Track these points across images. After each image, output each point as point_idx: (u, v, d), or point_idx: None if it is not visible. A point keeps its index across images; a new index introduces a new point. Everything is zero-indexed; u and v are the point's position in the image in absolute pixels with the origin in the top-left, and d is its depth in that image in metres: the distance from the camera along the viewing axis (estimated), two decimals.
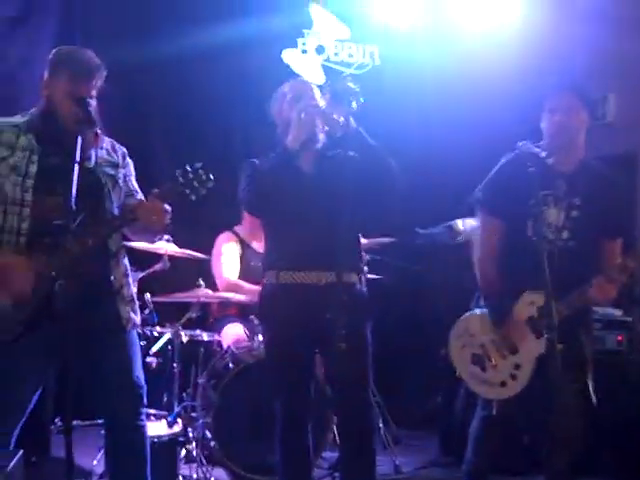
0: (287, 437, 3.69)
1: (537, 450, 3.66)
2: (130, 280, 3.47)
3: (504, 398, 3.54)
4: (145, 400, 3.43)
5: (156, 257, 4.93)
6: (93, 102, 3.26)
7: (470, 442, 3.74)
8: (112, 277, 3.35)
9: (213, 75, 6.03)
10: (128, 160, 3.52)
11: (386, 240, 5.21)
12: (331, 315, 3.20)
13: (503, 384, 3.53)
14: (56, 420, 4.83)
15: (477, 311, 3.67)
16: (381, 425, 5.02)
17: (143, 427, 3.41)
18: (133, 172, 3.54)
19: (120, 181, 3.42)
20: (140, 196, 3.48)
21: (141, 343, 4.19)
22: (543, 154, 3.50)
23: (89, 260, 3.16)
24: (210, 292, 4.93)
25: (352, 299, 3.40)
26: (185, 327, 4.86)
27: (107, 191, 3.35)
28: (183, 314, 4.91)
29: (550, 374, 3.20)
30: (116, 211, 3.37)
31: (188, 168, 3.20)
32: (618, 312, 5.03)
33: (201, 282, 4.87)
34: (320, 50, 6.60)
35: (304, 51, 6.53)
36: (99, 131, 3.36)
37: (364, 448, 3.66)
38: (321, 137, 3.65)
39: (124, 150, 3.52)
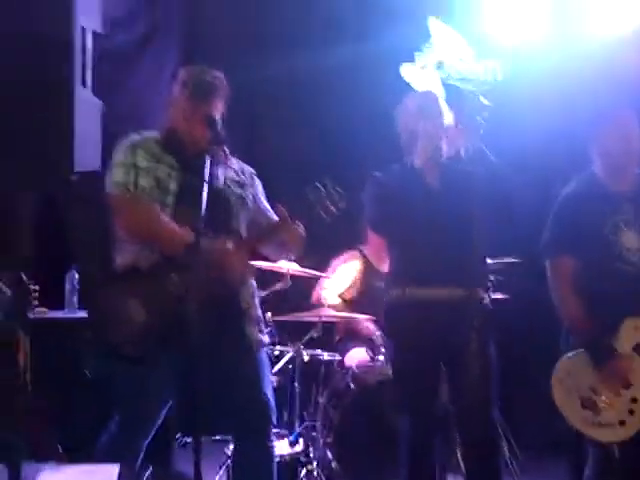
0: (413, 457, 3.61)
1: None
2: (257, 301, 3.48)
3: (625, 438, 3.37)
4: (274, 421, 3.43)
5: (278, 276, 4.95)
6: (219, 121, 3.27)
7: None
8: (240, 298, 3.37)
9: (330, 94, 6.02)
10: (257, 181, 3.53)
11: (511, 260, 5.10)
12: (463, 332, 3.15)
13: (622, 423, 3.37)
14: (178, 435, 4.90)
15: (572, 353, 3.49)
16: (506, 451, 4.91)
17: (272, 447, 3.41)
18: (262, 192, 3.55)
19: (249, 201, 3.43)
20: (273, 215, 3.48)
21: None
22: (602, 179, 3.51)
23: (219, 280, 3.18)
24: (332, 311, 4.93)
25: (481, 316, 3.33)
26: (307, 347, 4.87)
27: (236, 211, 3.37)
28: (304, 333, 4.91)
29: None
30: (244, 231, 3.38)
31: (319, 185, 3.17)
32: None
33: (323, 301, 4.88)
34: (439, 66, 6.52)
35: (424, 66, 6.47)
36: (227, 150, 3.38)
37: (490, 470, 3.57)
38: (445, 149, 3.61)
39: (252, 170, 3.54)
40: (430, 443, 3.62)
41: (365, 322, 5.04)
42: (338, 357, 5.00)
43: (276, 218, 3.42)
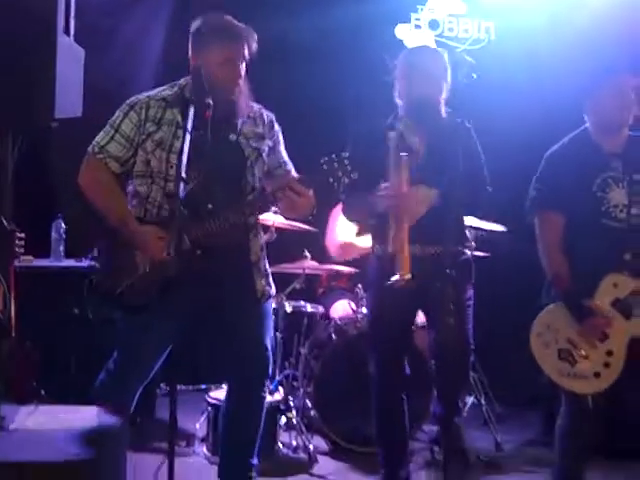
0: (381, 403, 3.76)
1: None
2: (265, 254, 3.53)
3: (600, 389, 3.41)
4: (270, 372, 3.53)
5: (263, 228, 4.97)
6: (243, 67, 3.30)
7: (558, 443, 3.60)
8: (251, 250, 3.42)
9: (327, 55, 6.00)
10: (276, 128, 3.52)
11: (497, 227, 5.15)
12: (437, 283, 3.21)
13: (597, 375, 3.41)
14: (162, 384, 4.97)
15: (552, 306, 3.52)
16: (483, 402, 4.97)
17: (264, 398, 3.51)
18: (281, 140, 3.54)
19: (264, 154, 3.44)
20: (290, 166, 3.53)
21: None
22: (594, 137, 3.52)
23: (229, 232, 3.23)
24: (316, 264, 4.97)
25: (458, 268, 3.38)
26: (289, 298, 4.92)
27: (250, 164, 3.39)
28: (288, 285, 4.96)
29: None
30: (258, 183, 3.41)
31: (334, 157, 3.15)
32: None
33: (307, 253, 4.93)
34: (434, 25, 6.52)
35: (417, 26, 6.47)
36: (247, 100, 3.38)
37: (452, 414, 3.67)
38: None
39: (272, 117, 3.52)
40: (396, 390, 3.75)
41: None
42: (321, 309, 5.06)
43: (291, 168, 3.49)
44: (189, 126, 3.01)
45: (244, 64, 3.30)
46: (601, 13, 6.02)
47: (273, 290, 3.56)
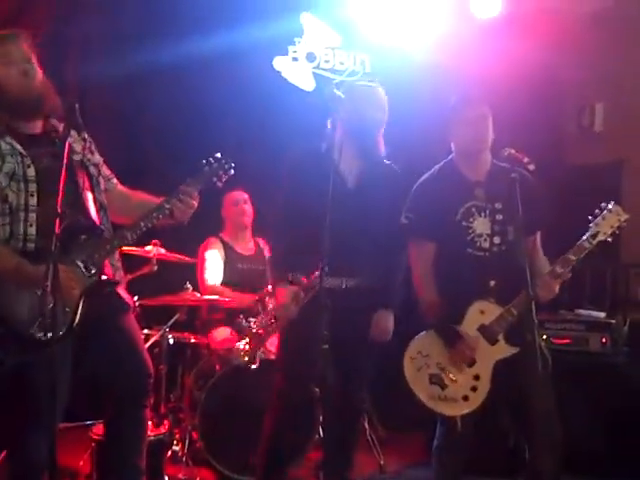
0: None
1: (522, 452, 3.66)
2: (120, 264, 3.52)
3: (468, 412, 3.53)
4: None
5: (144, 260, 4.97)
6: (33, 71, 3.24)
7: (434, 462, 3.73)
8: (113, 264, 3.41)
9: (204, 84, 6.04)
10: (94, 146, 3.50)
11: None
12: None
13: (465, 398, 3.53)
14: None
15: (424, 332, 3.65)
16: (367, 426, 5.06)
17: (147, 407, 3.43)
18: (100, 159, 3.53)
19: (98, 176, 3.44)
20: (115, 180, 3.55)
21: None
22: (459, 167, 3.68)
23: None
24: (198, 295, 4.98)
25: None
26: (172, 329, 4.91)
27: (95, 181, 3.39)
28: (171, 317, 4.95)
29: (526, 377, 3.29)
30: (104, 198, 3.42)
31: (212, 159, 3.39)
32: (602, 314, 5.06)
33: (188, 285, 4.93)
34: (311, 57, 6.65)
35: (295, 58, 6.59)
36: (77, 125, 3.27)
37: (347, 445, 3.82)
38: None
39: (90, 139, 3.46)
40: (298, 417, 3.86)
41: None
42: (204, 339, 5.06)
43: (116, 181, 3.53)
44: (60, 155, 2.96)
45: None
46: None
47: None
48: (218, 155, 3.44)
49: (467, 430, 3.56)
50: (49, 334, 2.91)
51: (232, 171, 3.43)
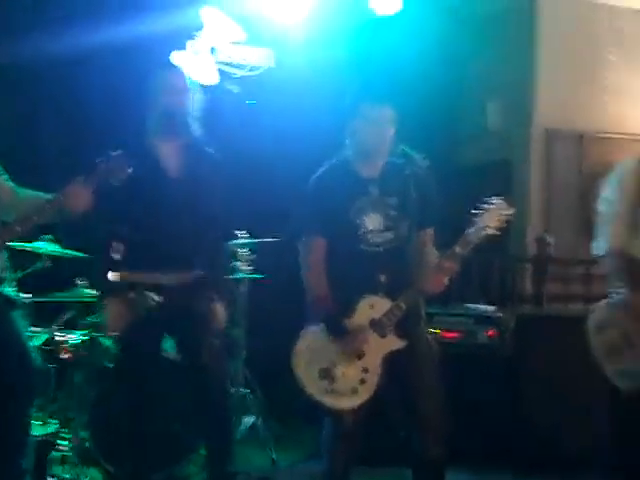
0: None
1: (412, 442, 3.72)
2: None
3: (357, 405, 3.54)
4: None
5: (36, 256, 4.89)
6: None
7: (325, 455, 3.76)
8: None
9: (95, 78, 5.97)
10: None
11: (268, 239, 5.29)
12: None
13: (354, 391, 3.54)
14: None
15: (313, 326, 3.63)
16: (260, 422, 5.08)
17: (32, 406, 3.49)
18: None
19: None
20: (6, 176, 3.56)
21: None
22: (353, 164, 3.68)
23: None
24: (90, 292, 4.92)
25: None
26: (64, 327, 4.85)
27: None
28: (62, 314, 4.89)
29: (415, 370, 3.44)
30: None
31: (107, 157, 3.39)
32: (491, 308, 5.17)
33: (79, 281, 4.87)
34: (213, 52, 6.60)
35: (196, 52, 6.53)
36: None
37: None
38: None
39: None
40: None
41: None
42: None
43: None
44: None
45: None
46: None
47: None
48: (116, 153, 3.42)
49: (357, 422, 3.59)
50: None
51: (130, 170, 3.41)
